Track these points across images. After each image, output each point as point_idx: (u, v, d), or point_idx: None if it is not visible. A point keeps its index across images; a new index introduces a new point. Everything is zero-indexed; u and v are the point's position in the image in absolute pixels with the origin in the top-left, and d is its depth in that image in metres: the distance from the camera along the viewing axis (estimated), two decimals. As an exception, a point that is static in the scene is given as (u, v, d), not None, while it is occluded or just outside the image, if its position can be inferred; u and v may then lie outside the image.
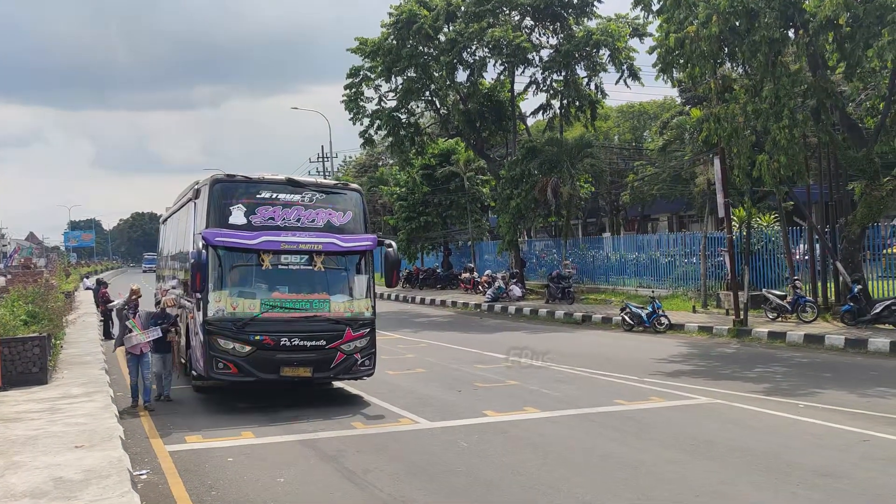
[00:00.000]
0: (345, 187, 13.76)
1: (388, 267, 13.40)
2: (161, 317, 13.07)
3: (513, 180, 33.50)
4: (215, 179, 12.77)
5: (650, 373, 15.59)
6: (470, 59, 34.54)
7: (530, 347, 19.86)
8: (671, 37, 19.13)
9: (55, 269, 36.12)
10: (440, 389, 14.06)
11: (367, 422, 11.35)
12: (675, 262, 30.42)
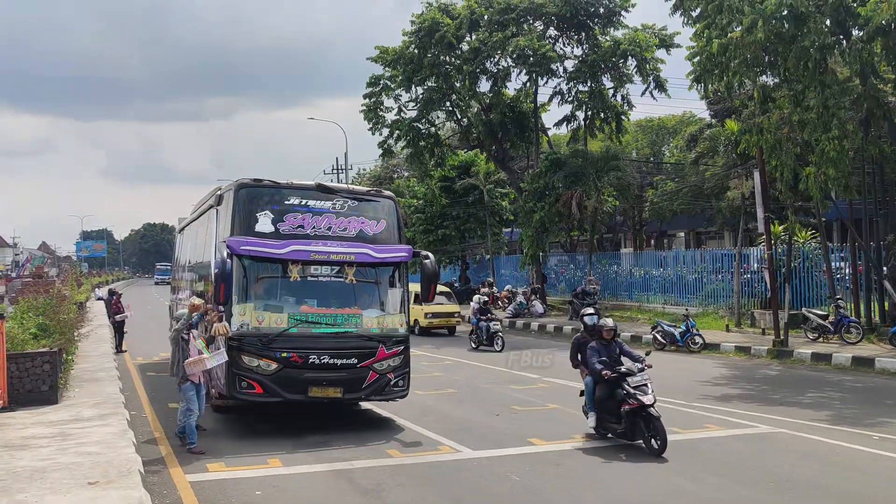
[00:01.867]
0: (378, 194, 12.86)
1: (426, 280, 12.46)
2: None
3: (536, 193, 32.65)
4: (241, 184, 11.90)
5: (697, 396, 14.62)
6: (493, 69, 33.80)
7: (561, 367, 18.84)
8: (714, 42, 18.21)
9: (67, 278, 35.34)
10: (476, 413, 13.11)
11: (404, 449, 10.41)
12: (703, 278, 29.39)
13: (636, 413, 10.20)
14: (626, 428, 10.32)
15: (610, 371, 10.56)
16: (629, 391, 10.28)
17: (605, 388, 10.67)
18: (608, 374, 10.52)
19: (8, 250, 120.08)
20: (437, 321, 27.88)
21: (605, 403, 10.66)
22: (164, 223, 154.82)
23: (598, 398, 10.79)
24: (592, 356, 10.91)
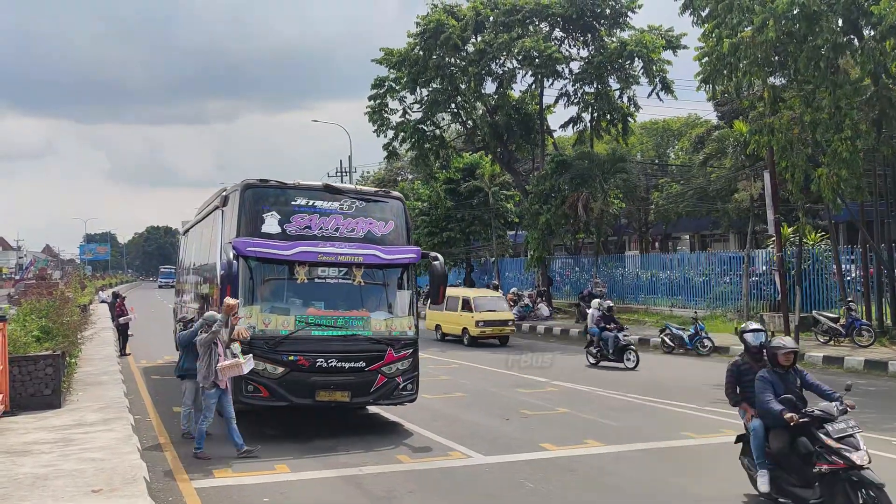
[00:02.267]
0: (386, 195, 12.65)
1: (435, 282, 12.26)
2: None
3: (541, 195, 32.43)
4: (247, 185, 11.70)
5: (710, 401, 14.33)
6: (499, 71, 33.61)
7: (570, 370, 18.71)
8: (724, 42, 18.00)
9: (70, 280, 35.13)
10: (486, 417, 12.88)
11: (414, 455, 10.18)
12: (711, 281, 29.14)
13: (839, 476, 7.10)
14: (822, 496, 7.26)
15: (796, 413, 7.48)
16: (828, 444, 7.18)
17: (783, 436, 7.65)
18: (794, 419, 7.42)
19: (12, 253, 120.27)
20: (490, 330, 24.89)
21: (786, 458, 7.68)
22: (167, 226, 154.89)
23: (774, 451, 7.80)
24: (764, 391, 7.81)
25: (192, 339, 10.74)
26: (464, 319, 25.17)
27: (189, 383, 11.20)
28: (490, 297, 26.60)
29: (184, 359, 11.31)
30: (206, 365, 10.04)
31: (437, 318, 27.08)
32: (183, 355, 11.37)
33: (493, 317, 25.10)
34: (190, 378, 11.08)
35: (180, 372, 11.32)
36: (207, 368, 10.03)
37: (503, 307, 25.98)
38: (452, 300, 25.49)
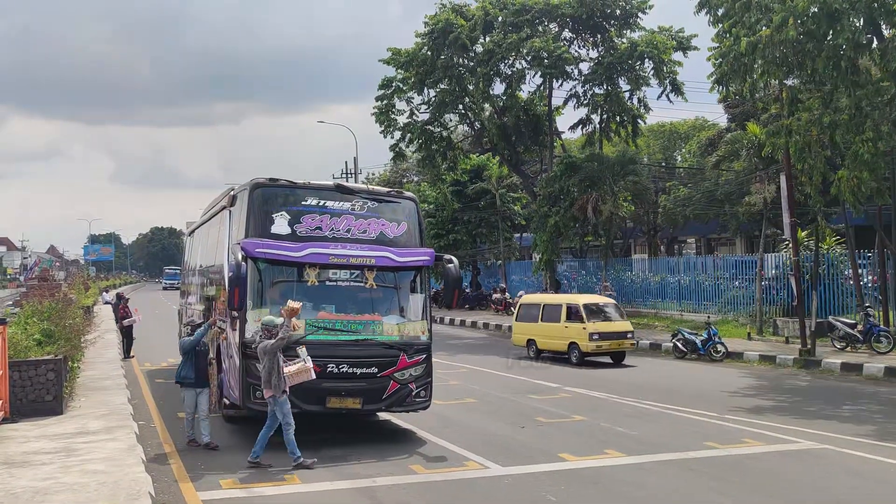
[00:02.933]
0: (399, 195, 12.29)
1: (449, 285, 11.92)
2: None
3: (550, 197, 32.07)
4: (256, 184, 11.34)
5: (729, 408, 13.97)
6: (508, 71, 33.23)
7: (581, 375, 18.33)
8: (742, 41, 17.57)
9: (74, 281, 34.82)
10: (500, 424, 12.50)
11: (429, 465, 9.80)
12: (722, 285, 28.70)
13: None
14: None
15: None
16: None
17: None
18: None
19: (17, 254, 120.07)
20: (608, 345, 20.49)
21: None
22: (171, 227, 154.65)
23: None
24: None
25: (195, 345, 10.50)
26: (571, 332, 20.70)
27: (188, 391, 10.80)
28: (603, 303, 22.26)
29: (183, 365, 10.87)
30: (275, 372, 9.59)
31: (531, 330, 22.28)
32: (184, 362, 10.90)
33: (610, 328, 20.71)
34: (188, 386, 10.75)
35: (179, 379, 10.91)
36: (278, 377, 9.60)
37: (618, 316, 21.65)
38: (551, 309, 21.65)
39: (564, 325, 20.93)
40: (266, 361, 9.61)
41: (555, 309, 21.59)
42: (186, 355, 10.78)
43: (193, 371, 10.68)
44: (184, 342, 10.95)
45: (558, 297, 24.14)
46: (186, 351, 10.79)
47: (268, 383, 9.62)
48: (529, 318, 22.32)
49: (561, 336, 21.11)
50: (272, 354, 9.61)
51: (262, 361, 9.65)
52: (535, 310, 22.29)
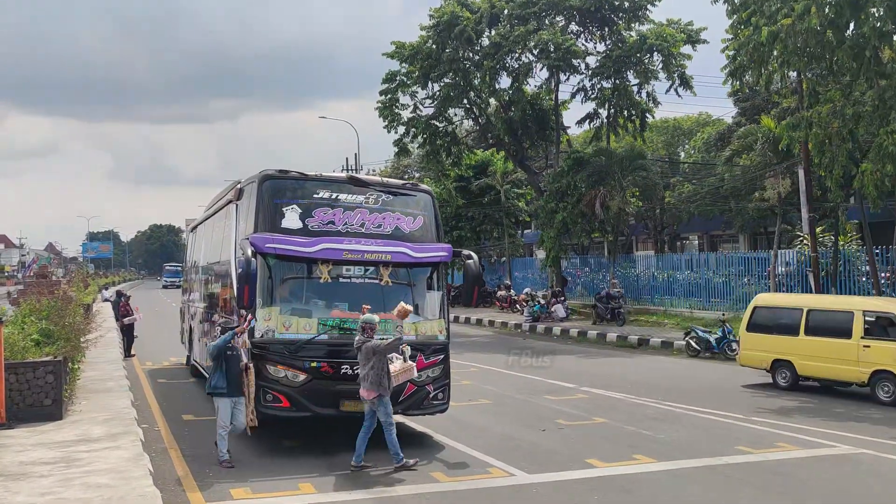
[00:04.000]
0: (415, 188, 11.73)
1: (469, 282, 11.37)
2: None
3: (557, 193, 31.52)
4: (265, 175, 10.79)
5: (754, 409, 13.47)
6: (514, 65, 32.65)
7: (596, 375, 17.81)
8: (763, 30, 17.03)
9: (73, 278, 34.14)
10: (519, 427, 11.97)
11: (451, 472, 9.26)
12: (732, 282, 28.14)
13: None
14: None
15: None
16: None
17: None
18: None
19: (14, 251, 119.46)
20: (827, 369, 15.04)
21: None
22: (170, 224, 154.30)
23: None
24: None
25: (223, 349, 9.58)
26: (877, 355, 14.14)
27: (223, 402, 9.65)
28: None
29: (214, 373, 9.72)
30: (385, 373, 9.33)
31: (783, 347, 15.82)
32: (214, 369, 9.74)
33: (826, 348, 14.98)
34: (221, 396, 9.65)
35: (210, 389, 9.72)
36: (388, 377, 9.35)
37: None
38: (828, 316, 15.26)
39: (861, 343, 14.40)
40: (375, 361, 9.28)
41: (837, 317, 15.08)
42: (216, 361, 9.71)
43: (225, 379, 9.60)
44: (211, 347, 9.93)
45: (839, 301, 17.15)
46: (215, 357, 9.74)
47: (378, 384, 9.27)
48: (778, 329, 15.99)
49: (852, 359, 14.48)
50: (382, 354, 9.32)
51: (367, 361, 9.28)
52: (788, 316, 15.97)
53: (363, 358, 9.32)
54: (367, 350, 9.31)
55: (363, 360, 9.32)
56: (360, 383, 9.40)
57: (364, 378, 9.32)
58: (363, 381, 9.33)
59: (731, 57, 20.64)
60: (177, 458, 9.86)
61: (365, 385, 9.33)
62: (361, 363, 9.35)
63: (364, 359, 9.33)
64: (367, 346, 9.33)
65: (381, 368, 9.31)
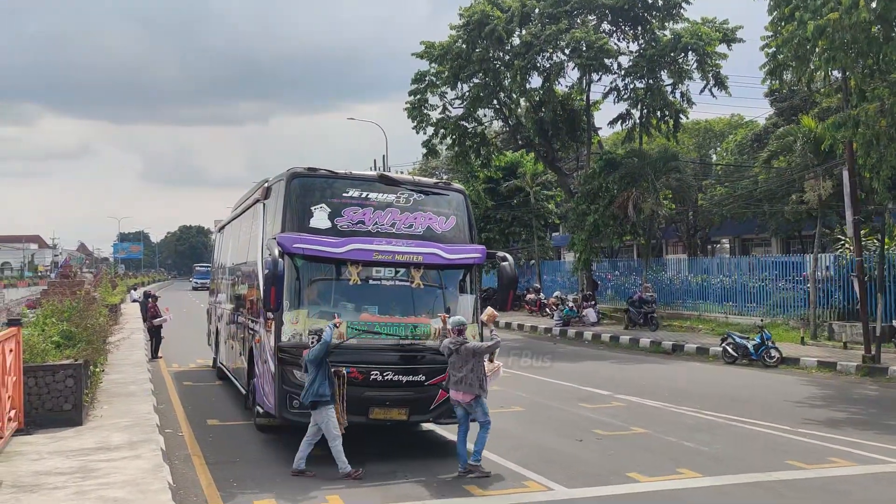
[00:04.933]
0: (447, 186, 11.30)
1: (503, 286, 10.88)
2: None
3: (589, 195, 30.96)
4: (294, 173, 10.42)
5: (800, 421, 12.84)
6: (546, 64, 32.11)
7: (631, 382, 17.24)
8: (809, 24, 16.40)
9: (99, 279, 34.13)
10: (555, 437, 11.48)
11: (485, 485, 8.79)
12: (768, 286, 27.34)
13: None
14: None
15: None
16: None
17: None
18: None
19: (48, 251, 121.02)
20: None
21: None
22: (199, 225, 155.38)
23: None
24: None
25: (326, 351, 9.00)
26: None
27: (326, 410, 9.05)
28: None
29: (315, 380, 8.98)
30: (484, 374, 9.30)
31: None
32: (315, 375, 9.00)
33: None
34: (327, 403, 9.04)
35: (315, 397, 8.99)
36: (486, 378, 9.34)
37: None
38: None
39: None
40: (475, 363, 9.21)
41: None
42: (319, 367, 9.02)
43: (329, 385, 9.05)
44: (312, 352, 9.06)
45: None
46: (319, 361, 9.03)
47: (478, 386, 9.22)
48: None
49: None
50: (482, 356, 9.29)
51: (466, 363, 9.17)
52: None
53: (460, 360, 9.18)
54: (466, 352, 9.18)
55: (460, 363, 9.18)
56: (454, 386, 9.25)
57: (461, 381, 9.17)
58: (459, 384, 9.19)
59: (771, 55, 20.00)
60: (200, 466, 9.50)
61: (461, 388, 9.19)
62: (457, 365, 9.20)
63: (462, 361, 9.19)
64: (467, 348, 9.20)
65: (481, 370, 9.22)
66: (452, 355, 9.27)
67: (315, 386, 8.95)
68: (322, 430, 9.08)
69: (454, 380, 9.26)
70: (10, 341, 9.08)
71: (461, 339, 9.31)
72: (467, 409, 9.33)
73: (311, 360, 8.99)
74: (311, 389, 8.97)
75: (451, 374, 9.33)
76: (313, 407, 9.05)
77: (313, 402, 9.01)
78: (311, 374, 9.00)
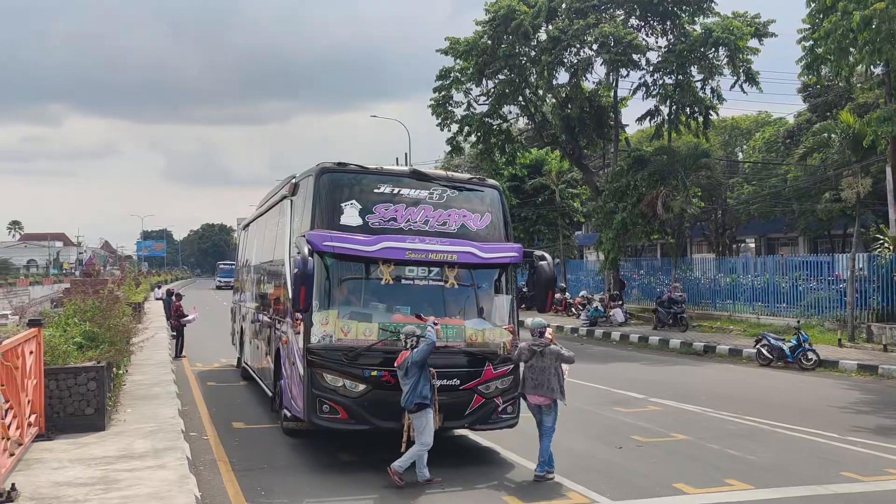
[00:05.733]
0: (482, 182, 10.85)
1: (542, 286, 10.40)
2: None
3: (617, 192, 30.39)
4: (323, 169, 10.02)
5: (848, 428, 12.27)
6: (574, 59, 31.54)
7: (664, 384, 16.73)
8: (855, 15, 15.83)
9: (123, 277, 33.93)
10: (593, 444, 11.02)
11: (525, 497, 8.34)
12: (800, 287, 26.61)
13: None
14: None
15: None
16: None
17: None
18: None
19: (73, 249, 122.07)
20: None
21: None
22: (222, 224, 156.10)
23: None
24: None
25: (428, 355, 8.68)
26: None
27: (427, 414, 8.75)
28: None
29: (418, 383, 8.65)
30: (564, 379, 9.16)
31: None
32: (418, 378, 8.66)
33: None
34: (427, 407, 8.74)
35: (420, 399, 8.66)
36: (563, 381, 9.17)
37: None
38: None
39: None
40: (557, 366, 9.10)
41: None
42: (422, 369, 8.67)
43: (429, 387, 8.77)
44: (418, 353, 8.65)
45: None
46: (423, 363, 8.67)
47: (559, 389, 9.10)
48: None
49: None
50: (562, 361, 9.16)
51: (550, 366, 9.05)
52: None
53: (544, 362, 9.04)
54: (551, 354, 9.06)
55: (543, 365, 9.04)
56: (534, 390, 9.06)
57: (542, 384, 9.00)
58: (540, 388, 9.02)
59: (808, 48, 19.43)
60: (226, 472, 9.13)
61: (542, 391, 9.02)
62: (538, 368, 9.03)
63: (546, 363, 9.04)
64: (552, 350, 9.09)
65: (561, 373, 9.14)
66: (534, 357, 9.06)
67: (420, 388, 8.63)
68: (416, 433, 8.73)
69: (533, 383, 9.04)
70: (31, 342, 8.75)
71: (544, 341, 9.13)
72: (545, 411, 9.15)
73: (416, 361, 8.63)
74: (415, 392, 8.64)
75: (527, 377, 9.12)
76: (417, 410, 8.71)
77: (419, 404, 8.68)
78: (413, 376, 8.65)
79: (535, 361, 9.07)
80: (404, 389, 8.67)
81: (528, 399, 9.22)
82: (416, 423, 8.71)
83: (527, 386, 9.18)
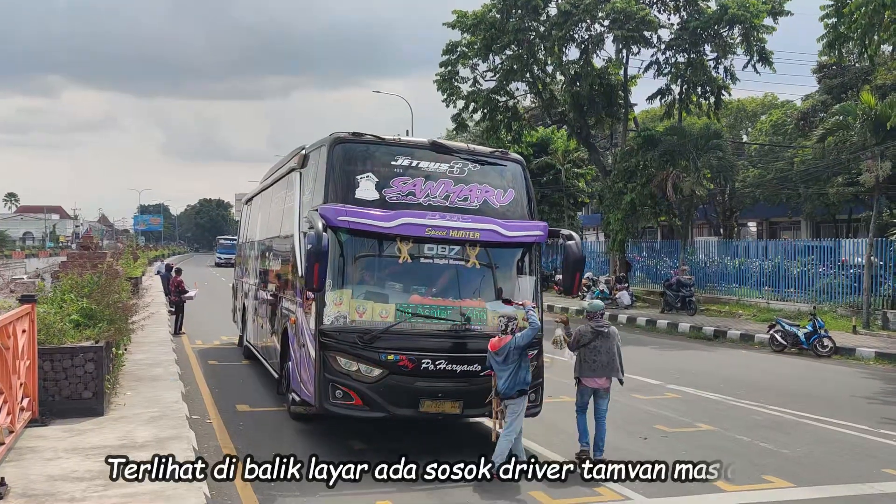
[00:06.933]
0: (504, 156, 10.21)
1: (569, 267, 9.80)
2: None
3: (626, 172, 29.75)
4: (337, 138, 9.38)
5: (880, 420, 11.78)
6: (584, 35, 30.76)
7: (679, 370, 16.22)
8: (888, -10, 15.20)
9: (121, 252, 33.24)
10: (616, 433, 10.43)
11: (553, 492, 7.79)
12: (811, 272, 26.05)
13: None
14: None
15: None
16: None
17: None
18: None
19: (69, 222, 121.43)
20: None
21: None
22: (220, 199, 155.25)
23: None
24: None
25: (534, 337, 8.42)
26: None
27: (524, 400, 8.41)
28: None
29: (524, 368, 8.33)
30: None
31: None
32: (519, 363, 8.28)
33: None
34: (525, 393, 8.39)
35: (523, 385, 8.32)
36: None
37: None
38: None
39: None
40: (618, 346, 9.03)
41: None
42: (522, 354, 8.29)
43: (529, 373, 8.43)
44: (523, 338, 8.24)
45: None
46: (524, 348, 8.29)
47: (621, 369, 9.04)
48: None
49: None
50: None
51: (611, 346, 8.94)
52: None
53: (607, 343, 8.89)
54: (614, 334, 8.99)
55: (606, 346, 8.88)
56: (597, 371, 8.87)
57: (606, 364, 8.87)
58: (605, 368, 8.88)
59: (831, 25, 18.76)
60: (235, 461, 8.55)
61: (605, 372, 8.90)
62: (602, 349, 8.86)
63: (609, 344, 8.90)
64: (614, 331, 9.05)
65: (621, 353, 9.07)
66: (597, 339, 8.85)
67: (522, 373, 8.27)
68: (510, 419, 8.27)
69: (593, 365, 8.83)
70: (24, 320, 8.12)
71: (605, 322, 8.95)
72: (602, 395, 8.99)
73: (521, 346, 8.19)
74: (517, 377, 8.23)
75: (587, 360, 8.87)
76: (518, 396, 8.29)
77: (521, 390, 8.30)
78: (514, 361, 8.21)
79: (598, 343, 8.81)
80: (502, 376, 8.21)
81: (585, 382, 8.91)
82: (512, 409, 8.28)
83: (584, 369, 8.84)
